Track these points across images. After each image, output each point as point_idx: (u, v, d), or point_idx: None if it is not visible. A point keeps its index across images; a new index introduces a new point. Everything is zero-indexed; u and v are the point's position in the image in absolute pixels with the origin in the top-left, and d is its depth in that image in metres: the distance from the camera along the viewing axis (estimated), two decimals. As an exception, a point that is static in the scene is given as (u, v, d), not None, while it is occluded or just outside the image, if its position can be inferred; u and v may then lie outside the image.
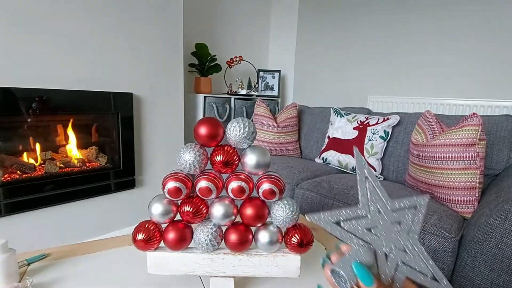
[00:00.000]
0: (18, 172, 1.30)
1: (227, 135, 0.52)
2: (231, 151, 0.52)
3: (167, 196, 0.51)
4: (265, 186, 0.51)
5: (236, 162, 0.53)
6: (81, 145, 1.54)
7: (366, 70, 2.13)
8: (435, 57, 1.80)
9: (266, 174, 0.53)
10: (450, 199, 1.10)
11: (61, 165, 1.42)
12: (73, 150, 1.50)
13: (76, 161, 1.47)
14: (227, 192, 0.53)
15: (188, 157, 0.50)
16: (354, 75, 2.21)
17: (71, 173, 1.41)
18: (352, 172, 1.61)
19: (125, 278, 0.60)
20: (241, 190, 0.52)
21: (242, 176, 0.52)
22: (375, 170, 1.53)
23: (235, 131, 0.50)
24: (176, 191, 0.50)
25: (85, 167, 1.49)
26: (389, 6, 1.98)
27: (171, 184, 0.50)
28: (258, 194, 0.53)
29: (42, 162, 1.40)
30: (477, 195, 1.06)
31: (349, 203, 1.13)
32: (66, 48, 1.32)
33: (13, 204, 1.25)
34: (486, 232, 0.83)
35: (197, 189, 0.51)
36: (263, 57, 2.79)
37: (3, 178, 1.26)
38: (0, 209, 1.22)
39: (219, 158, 0.51)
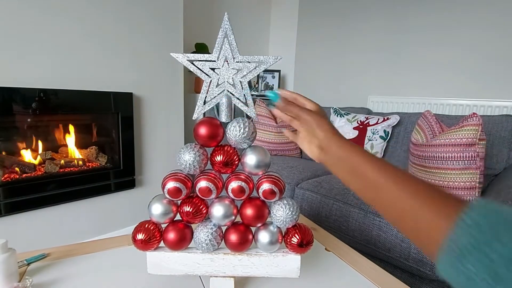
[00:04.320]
0: (18, 171, 1.30)
1: (227, 135, 0.52)
2: (231, 151, 0.52)
3: (167, 196, 0.51)
4: (265, 186, 0.51)
5: (236, 162, 0.52)
6: (81, 145, 1.54)
7: (366, 70, 2.13)
8: (435, 57, 1.80)
9: (266, 174, 0.53)
10: (450, 199, 1.10)
11: (62, 163, 1.42)
12: (73, 150, 1.50)
13: (76, 161, 1.47)
14: (227, 192, 0.53)
15: (188, 157, 0.50)
16: (354, 75, 2.21)
17: (71, 173, 1.41)
18: (352, 172, 1.61)
19: (125, 278, 0.60)
20: (241, 190, 0.52)
21: (242, 176, 0.52)
22: (375, 170, 1.53)
23: (235, 131, 0.50)
24: (176, 191, 0.50)
25: (85, 167, 1.49)
26: (389, 7, 1.97)
27: (171, 184, 0.50)
28: (258, 194, 0.53)
29: (42, 161, 1.40)
30: (477, 195, 1.06)
31: (349, 203, 1.13)
32: (67, 48, 1.32)
33: (13, 204, 1.25)
34: (486, 232, 0.83)
35: (197, 189, 0.51)
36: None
37: (3, 178, 1.26)
38: (0, 209, 1.22)
39: (219, 158, 0.51)
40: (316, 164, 1.73)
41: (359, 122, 1.64)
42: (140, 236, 0.52)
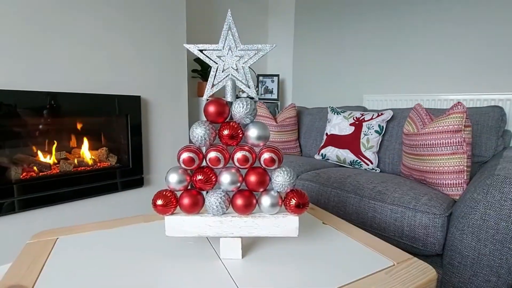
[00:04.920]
0: (36, 170, 1.39)
1: (232, 112, 0.60)
2: (236, 126, 0.60)
3: (182, 165, 0.59)
4: (266, 155, 0.60)
5: (241, 135, 0.61)
6: (93, 146, 1.63)
7: (361, 70, 2.23)
8: (426, 55, 1.90)
9: (266, 145, 0.61)
10: (440, 183, 1.17)
11: (76, 162, 1.51)
12: (85, 150, 1.59)
13: (88, 161, 1.56)
14: (233, 162, 0.61)
15: (199, 131, 0.58)
16: (349, 76, 2.31)
17: (83, 172, 1.50)
18: (349, 166, 1.68)
19: (143, 245, 0.68)
20: (245, 159, 0.60)
21: (246, 148, 0.61)
22: (372, 163, 1.61)
23: (239, 108, 0.59)
24: (190, 161, 0.59)
25: (96, 167, 1.58)
26: (380, 12, 2.09)
27: (185, 155, 0.59)
28: (260, 163, 0.61)
29: (56, 161, 1.49)
30: (465, 178, 1.13)
31: (346, 189, 1.21)
32: (80, 55, 1.43)
33: (29, 200, 1.33)
34: (471, 207, 0.90)
35: (207, 159, 0.60)
36: (262, 63, 2.91)
37: (21, 176, 1.35)
38: (16, 205, 1.30)
39: (226, 132, 0.60)
40: (315, 160, 1.82)
41: (355, 118, 1.73)
42: (159, 202, 0.60)
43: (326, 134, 1.84)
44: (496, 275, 0.86)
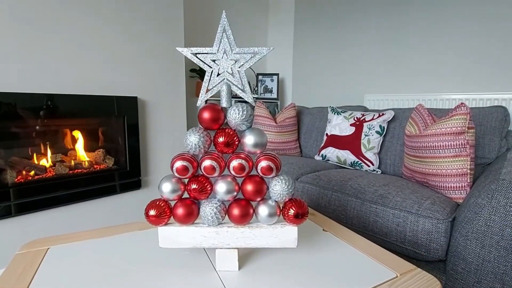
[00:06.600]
0: (31, 173, 1.37)
1: (227, 118, 0.58)
2: (231, 132, 0.58)
3: (176, 174, 0.57)
4: (263, 163, 0.57)
5: (236, 142, 0.58)
6: (89, 148, 1.61)
7: (361, 70, 2.20)
8: (428, 54, 1.87)
9: (263, 153, 0.59)
10: (443, 186, 1.15)
11: (72, 164, 1.48)
12: (81, 152, 1.57)
13: (84, 163, 1.54)
14: (229, 171, 0.59)
15: (193, 138, 0.56)
16: (350, 75, 2.28)
17: (80, 175, 1.48)
18: (350, 167, 1.66)
19: (137, 255, 0.66)
20: (241, 168, 0.57)
21: (242, 155, 0.58)
22: (373, 164, 1.58)
23: (235, 114, 0.56)
24: (184, 169, 0.56)
25: (93, 169, 1.55)
26: (381, 11, 2.06)
27: (179, 163, 0.56)
28: (257, 171, 0.59)
29: (52, 164, 1.46)
30: (468, 181, 1.11)
31: (347, 192, 1.18)
32: (76, 55, 1.40)
33: (25, 204, 1.31)
34: (476, 212, 0.88)
35: (202, 167, 0.57)
36: (262, 62, 2.87)
37: (16, 180, 1.32)
38: (12, 209, 1.28)
39: (221, 139, 0.57)
40: (315, 161, 1.79)
41: (355, 118, 1.70)
42: (152, 212, 0.57)
43: (327, 134, 1.81)
44: (501, 282, 0.83)
